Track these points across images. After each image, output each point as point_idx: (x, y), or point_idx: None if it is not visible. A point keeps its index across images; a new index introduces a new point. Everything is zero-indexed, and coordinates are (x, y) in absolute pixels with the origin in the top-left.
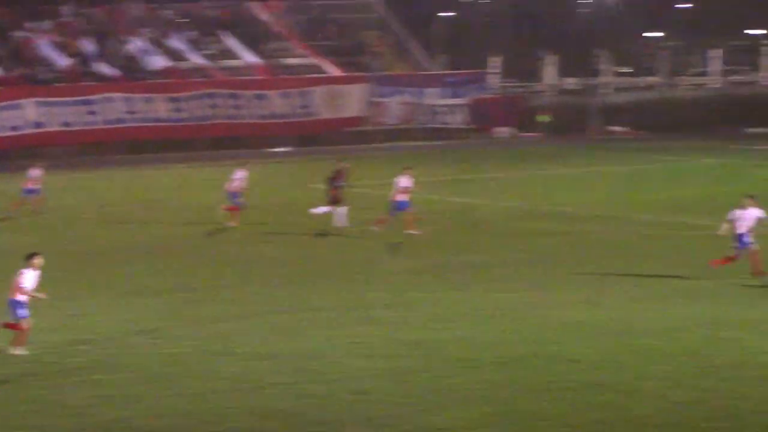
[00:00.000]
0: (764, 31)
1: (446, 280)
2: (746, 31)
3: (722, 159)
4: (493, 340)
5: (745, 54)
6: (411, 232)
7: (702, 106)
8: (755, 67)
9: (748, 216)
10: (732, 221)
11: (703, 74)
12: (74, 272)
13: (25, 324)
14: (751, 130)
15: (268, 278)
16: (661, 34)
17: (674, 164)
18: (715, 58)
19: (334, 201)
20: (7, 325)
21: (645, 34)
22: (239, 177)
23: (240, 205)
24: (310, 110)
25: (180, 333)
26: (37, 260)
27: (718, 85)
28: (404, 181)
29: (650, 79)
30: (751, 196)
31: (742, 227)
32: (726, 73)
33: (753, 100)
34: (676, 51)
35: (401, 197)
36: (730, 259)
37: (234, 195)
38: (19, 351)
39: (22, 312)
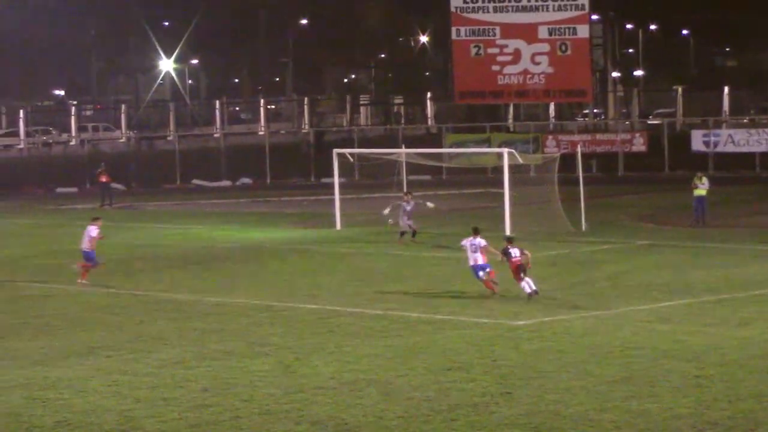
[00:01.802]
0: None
1: None
2: (53, 91)
3: (35, 219)
4: None
5: (52, 114)
6: None
7: (12, 167)
8: (63, 127)
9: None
10: None
11: (12, 135)
12: None
13: None
14: (61, 189)
15: None
16: None
17: None
18: (22, 119)
19: None
20: None
21: None
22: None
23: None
24: None
25: None
26: None
27: (27, 146)
28: None
29: None
30: None
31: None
32: (34, 133)
33: (62, 160)
34: None
35: None
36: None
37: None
38: None
39: None
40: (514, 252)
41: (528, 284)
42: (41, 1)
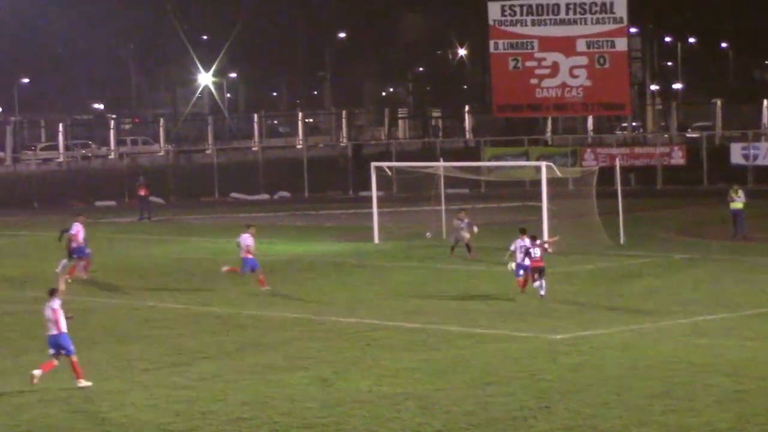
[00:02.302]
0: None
1: None
2: (93, 105)
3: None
4: None
5: (91, 127)
6: None
7: (52, 180)
8: (102, 140)
9: None
10: None
11: (51, 148)
12: None
13: None
14: (100, 203)
15: None
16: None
17: (24, 239)
18: (61, 132)
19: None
20: None
21: None
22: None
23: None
24: None
25: None
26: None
27: (66, 159)
28: None
29: None
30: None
31: None
32: (73, 147)
33: (101, 174)
34: (20, 125)
35: None
36: None
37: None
38: None
39: None
40: (535, 252)
41: (541, 287)
42: (80, 15)
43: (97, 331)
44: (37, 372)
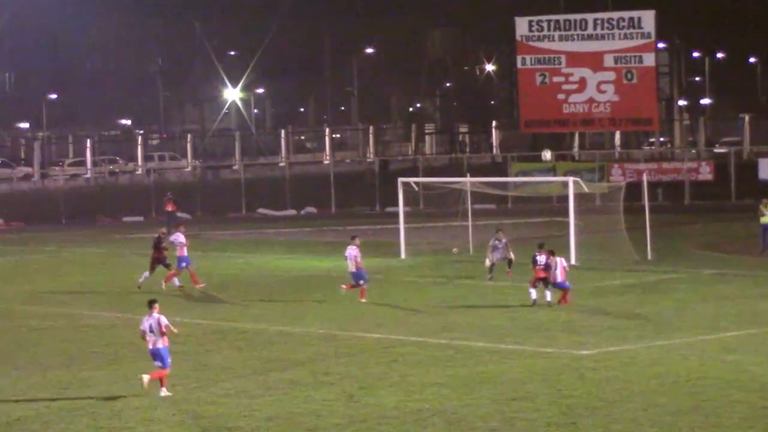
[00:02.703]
0: (129, 122)
1: None
2: (120, 121)
3: (104, 248)
4: None
5: (119, 143)
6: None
7: (79, 196)
8: (130, 156)
9: None
10: None
11: (79, 164)
12: None
13: None
14: (128, 218)
15: None
16: (28, 125)
17: (55, 255)
18: (89, 148)
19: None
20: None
21: (16, 125)
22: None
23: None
24: None
25: None
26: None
27: (94, 175)
28: None
29: (24, 170)
30: None
31: None
32: (101, 162)
33: (129, 189)
34: (48, 141)
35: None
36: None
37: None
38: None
39: None
40: (541, 259)
41: (547, 294)
42: (108, 31)
43: (123, 347)
44: (146, 377)
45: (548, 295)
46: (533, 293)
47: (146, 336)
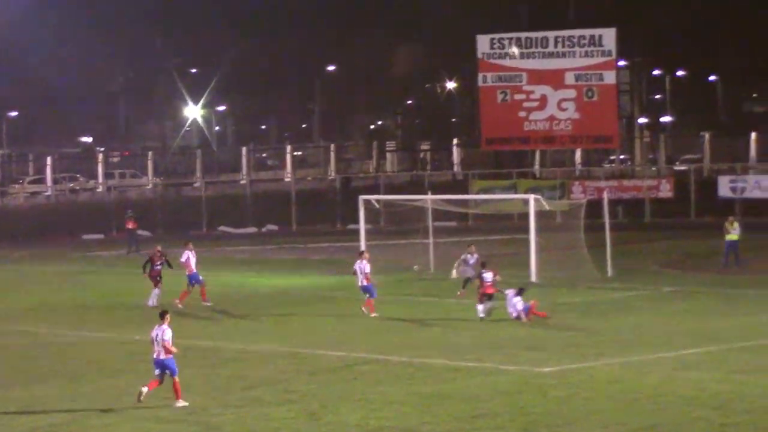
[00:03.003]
0: (90, 139)
1: None
2: (81, 138)
3: (61, 266)
4: None
5: (79, 161)
6: None
7: (39, 213)
8: (90, 173)
9: None
10: None
11: (39, 182)
12: None
13: None
14: (88, 236)
15: None
16: None
17: (14, 272)
18: (49, 165)
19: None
20: None
21: None
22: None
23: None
24: None
25: None
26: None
27: (54, 193)
28: None
29: None
30: None
31: None
32: (62, 180)
33: (89, 207)
34: (9, 159)
35: None
36: None
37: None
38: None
39: None
40: (487, 276)
41: (484, 310)
42: (70, 48)
43: (84, 365)
44: (144, 389)
45: (480, 310)
46: (480, 309)
47: (153, 344)
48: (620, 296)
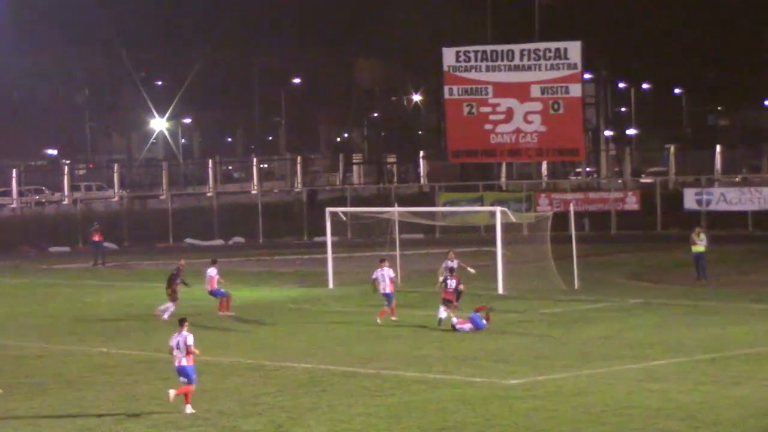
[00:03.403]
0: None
1: None
2: (46, 151)
3: (25, 279)
4: None
5: (44, 173)
6: None
7: (5, 226)
8: (56, 186)
9: None
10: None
11: (4, 194)
12: None
13: None
14: (54, 249)
15: None
16: None
17: None
18: (15, 178)
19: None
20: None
21: None
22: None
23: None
24: None
25: None
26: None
27: (20, 205)
28: None
29: None
30: None
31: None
32: (27, 193)
33: (55, 220)
34: None
35: None
36: None
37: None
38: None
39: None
40: (451, 283)
41: (442, 312)
42: (34, 61)
43: (50, 378)
44: (171, 392)
45: (441, 311)
46: (442, 311)
47: (173, 352)
48: (587, 308)
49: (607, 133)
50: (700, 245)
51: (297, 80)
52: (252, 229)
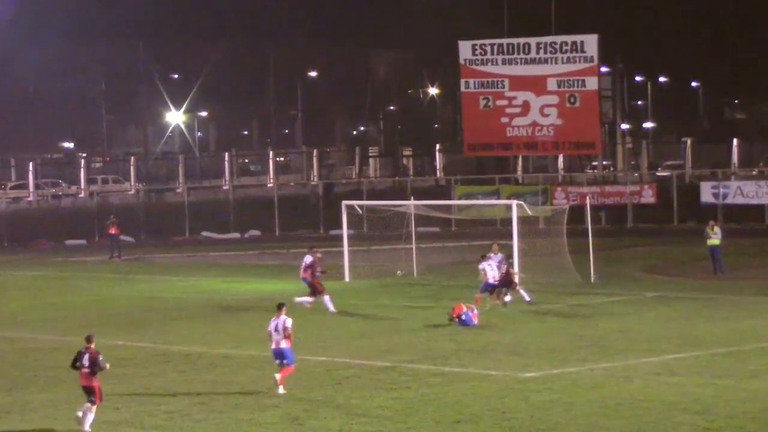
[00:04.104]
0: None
1: None
2: (63, 144)
3: (44, 271)
4: None
5: (61, 166)
6: None
7: (22, 219)
8: (73, 179)
9: None
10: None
11: (21, 187)
12: None
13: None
14: (70, 242)
15: None
16: None
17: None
18: (31, 171)
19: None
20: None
21: None
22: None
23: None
24: None
25: None
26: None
27: (36, 198)
28: None
29: None
30: None
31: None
32: (44, 186)
33: (72, 213)
34: None
35: None
36: None
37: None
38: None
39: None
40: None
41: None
42: (51, 54)
43: (65, 370)
44: (277, 376)
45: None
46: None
47: (272, 335)
48: (603, 301)
49: (624, 126)
50: (714, 238)
51: (313, 73)
52: (268, 222)
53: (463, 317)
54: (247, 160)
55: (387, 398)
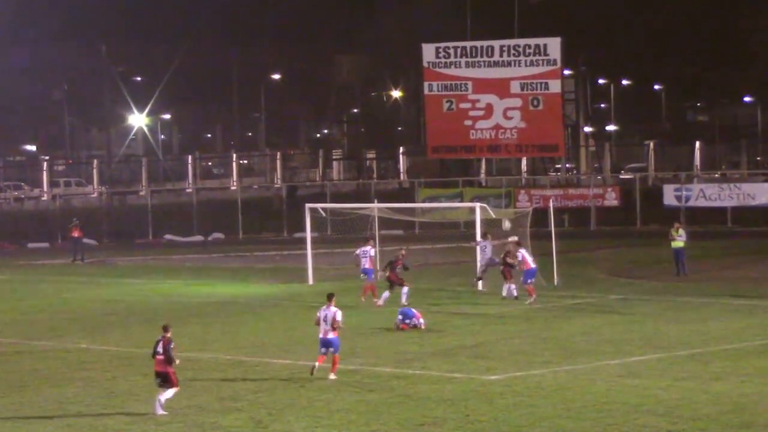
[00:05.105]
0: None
1: None
2: (25, 147)
3: (4, 275)
4: None
5: (23, 169)
6: None
7: None
8: (35, 182)
9: None
10: None
11: None
12: None
13: None
14: (33, 245)
15: None
16: None
17: None
18: None
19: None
20: None
21: None
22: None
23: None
24: None
25: None
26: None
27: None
28: None
29: None
30: None
31: None
32: (6, 188)
33: (34, 216)
34: None
35: None
36: None
37: (368, 271)
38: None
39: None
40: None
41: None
42: (11, 56)
43: (28, 374)
44: (316, 364)
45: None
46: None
47: (320, 324)
48: (567, 304)
49: (587, 129)
50: (679, 241)
51: (276, 76)
52: (231, 225)
53: (409, 315)
54: (210, 163)
55: (351, 401)
